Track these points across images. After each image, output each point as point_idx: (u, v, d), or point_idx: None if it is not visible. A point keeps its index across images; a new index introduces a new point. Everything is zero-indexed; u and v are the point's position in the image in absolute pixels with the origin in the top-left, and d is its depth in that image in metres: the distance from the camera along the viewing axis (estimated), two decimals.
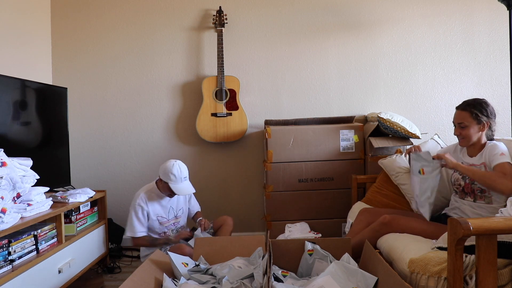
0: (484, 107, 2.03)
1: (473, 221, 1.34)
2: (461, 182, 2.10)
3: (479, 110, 2.01)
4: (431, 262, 1.58)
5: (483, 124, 2.02)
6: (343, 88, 3.36)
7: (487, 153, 2.00)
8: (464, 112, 2.05)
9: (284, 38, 3.34)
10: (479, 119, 2.01)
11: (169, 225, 2.64)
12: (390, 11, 3.33)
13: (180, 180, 2.48)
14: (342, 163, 2.96)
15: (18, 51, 2.86)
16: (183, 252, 2.33)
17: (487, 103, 2.05)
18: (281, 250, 1.96)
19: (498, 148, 1.96)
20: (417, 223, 2.02)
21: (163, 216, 2.60)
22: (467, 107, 2.04)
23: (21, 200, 2.00)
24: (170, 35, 3.34)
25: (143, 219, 2.52)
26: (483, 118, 2.01)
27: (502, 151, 1.93)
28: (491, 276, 1.38)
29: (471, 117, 2.02)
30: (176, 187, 2.46)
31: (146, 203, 2.52)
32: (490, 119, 2.03)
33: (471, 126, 2.03)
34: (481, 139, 2.05)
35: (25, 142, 2.45)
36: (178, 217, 2.70)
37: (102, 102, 3.36)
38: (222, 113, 3.18)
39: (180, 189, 2.48)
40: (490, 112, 2.03)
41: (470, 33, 3.33)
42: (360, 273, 1.69)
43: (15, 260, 1.86)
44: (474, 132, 2.03)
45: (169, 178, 2.46)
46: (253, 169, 3.36)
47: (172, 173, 2.45)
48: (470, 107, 2.03)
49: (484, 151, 2.03)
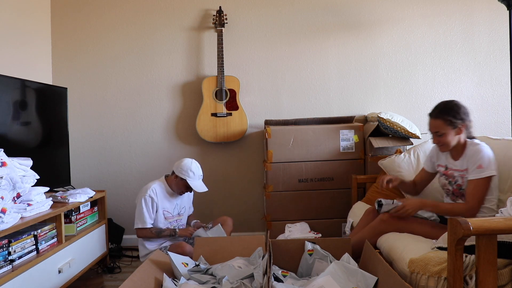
0: (456, 111, 1.98)
1: (473, 221, 1.34)
2: (449, 187, 2.11)
3: (453, 116, 1.96)
4: (431, 262, 1.58)
5: (459, 128, 1.98)
6: (343, 88, 3.36)
7: (469, 159, 1.98)
8: (438, 120, 1.99)
9: (284, 38, 3.34)
10: (454, 124, 1.97)
11: (173, 221, 2.68)
12: (390, 11, 3.33)
13: (198, 177, 2.61)
14: (342, 163, 2.96)
15: (18, 51, 2.86)
16: (183, 250, 2.34)
17: (458, 105, 2.00)
18: (281, 250, 1.96)
19: (479, 156, 1.93)
20: (416, 222, 2.02)
21: (169, 211, 2.64)
22: (440, 115, 1.99)
23: (21, 200, 2.00)
24: (170, 35, 3.34)
25: (152, 211, 2.56)
26: (458, 123, 1.97)
27: (481, 163, 1.91)
28: (491, 276, 1.38)
29: (445, 124, 1.97)
30: (194, 184, 2.56)
31: (156, 195, 2.56)
32: (465, 121, 1.99)
33: (447, 133, 1.98)
34: (461, 141, 2.02)
35: (25, 142, 2.45)
36: (181, 214, 2.74)
37: (102, 102, 3.36)
38: (222, 113, 3.18)
39: (197, 186, 2.58)
40: (464, 113, 1.98)
41: (470, 33, 3.33)
42: (360, 273, 1.69)
43: (15, 260, 1.86)
44: (452, 138, 1.99)
45: (187, 175, 2.55)
46: (253, 169, 3.36)
47: (191, 170, 2.56)
48: (443, 114, 1.98)
49: (466, 154, 2.00)
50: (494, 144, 2.13)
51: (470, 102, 3.33)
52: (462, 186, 2.02)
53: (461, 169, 2.02)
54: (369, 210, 2.26)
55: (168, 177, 2.68)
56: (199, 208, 3.16)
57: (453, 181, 2.07)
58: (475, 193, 1.90)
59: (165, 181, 2.66)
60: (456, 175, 2.04)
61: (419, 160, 2.55)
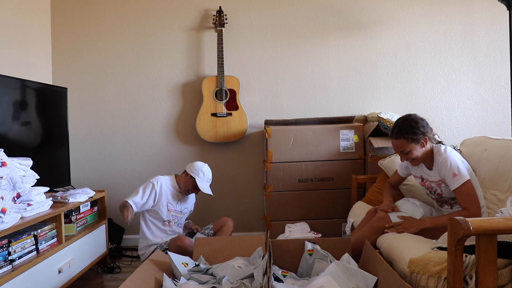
0: (415, 127, 1.99)
1: (473, 221, 1.34)
2: (431, 196, 2.15)
3: (413, 133, 1.98)
4: (431, 262, 1.58)
5: (422, 142, 2.00)
6: (343, 88, 3.35)
7: (440, 170, 1.99)
8: (400, 140, 2.01)
9: (284, 38, 3.34)
10: (417, 140, 1.98)
11: (175, 215, 2.68)
12: (390, 11, 3.33)
13: (207, 180, 2.69)
14: (342, 163, 2.96)
15: (18, 51, 2.86)
16: (183, 243, 2.35)
17: (415, 119, 2.01)
18: (281, 250, 1.96)
19: (448, 167, 1.94)
20: None
21: (172, 204, 2.67)
22: (400, 134, 2.00)
23: (21, 200, 2.00)
24: (170, 35, 3.33)
25: (145, 198, 2.55)
26: (419, 138, 1.99)
27: (453, 171, 1.92)
28: (491, 276, 1.38)
29: (408, 142, 1.99)
30: (201, 184, 2.63)
31: (160, 187, 2.60)
32: (426, 133, 2.00)
33: (412, 149, 2.00)
34: (428, 150, 2.04)
35: (25, 142, 2.44)
36: (183, 213, 2.76)
37: (102, 102, 3.36)
38: (222, 113, 3.18)
39: (204, 187, 2.64)
40: (422, 126, 2.00)
41: (470, 33, 3.33)
42: (360, 273, 1.69)
43: (15, 260, 1.86)
44: (418, 152, 2.01)
45: (198, 174, 2.63)
46: (253, 169, 3.36)
47: (202, 171, 2.65)
48: (403, 133, 1.99)
49: (436, 164, 2.02)
50: (494, 144, 2.14)
51: (470, 102, 3.33)
52: (442, 194, 2.05)
53: (436, 180, 2.04)
54: (371, 211, 2.26)
55: (178, 176, 2.74)
56: (199, 208, 3.16)
57: (432, 191, 2.11)
58: (468, 198, 1.92)
59: (174, 179, 2.72)
60: (433, 185, 2.08)
61: None
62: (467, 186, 1.92)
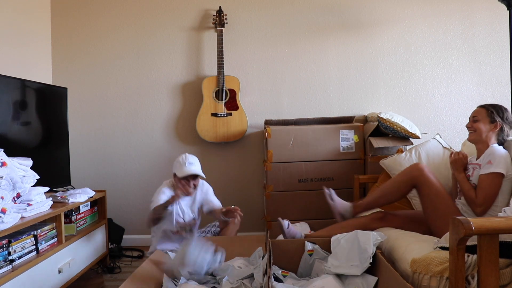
0: (502, 110, 2.08)
1: (475, 221, 1.34)
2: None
3: (496, 111, 2.07)
4: (433, 262, 1.58)
5: (496, 124, 2.05)
6: (343, 88, 3.35)
7: (484, 156, 2.02)
8: (481, 108, 2.12)
9: (284, 38, 3.34)
10: (493, 117, 2.05)
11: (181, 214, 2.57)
12: (390, 11, 3.33)
13: (184, 164, 2.43)
14: (342, 163, 2.95)
15: (18, 51, 2.86)
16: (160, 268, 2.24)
17: (507, 109, 2.10)
18: (281, 250, 1.95)
19: (493, 152, 1.98)
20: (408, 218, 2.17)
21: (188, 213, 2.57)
22: (486, 105, 2.12)
23: (21, 200, 2.00)
24: (170, 35, 3.33)
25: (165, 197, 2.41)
26: (497, 118, 2.05)
27: (491, 159, 1.95)
28: (493, 276, 1.37)
29: (486, 113, 2.07)
30: (180, 171, 2.41)
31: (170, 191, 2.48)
32: (504, 123, 2.06)
33: (483, 121, 2.07)
34: (489, 140, 2.06)
35: (25, 142, 2.44)
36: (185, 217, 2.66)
37: (102, 102, 3.35)
38: (222, 113, 3.18)
39: (184, 171, 2.40)
40: (507, 117, 2.07)
41: (470, 33, 3.33)
42: None
43: (15, 260, 1.86)
44: (484, 129, 2.06)
45: (175, 168, 2.46)
46: (253, 169, 3.36)
47: (177, 161, 2.47)
48: (489, 105, 2.10)
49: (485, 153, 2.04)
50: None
51: (470, 102, 3.33)
52: (470, 177, 2.06)
53: (476, 163, 2.07)
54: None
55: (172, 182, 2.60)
56: None
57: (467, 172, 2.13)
58: (482, 188, 1.93)
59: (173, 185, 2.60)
60: (469, 167, 2.11)
61: (420, 159, 2.54)
62: (489, 178, 1.92)
